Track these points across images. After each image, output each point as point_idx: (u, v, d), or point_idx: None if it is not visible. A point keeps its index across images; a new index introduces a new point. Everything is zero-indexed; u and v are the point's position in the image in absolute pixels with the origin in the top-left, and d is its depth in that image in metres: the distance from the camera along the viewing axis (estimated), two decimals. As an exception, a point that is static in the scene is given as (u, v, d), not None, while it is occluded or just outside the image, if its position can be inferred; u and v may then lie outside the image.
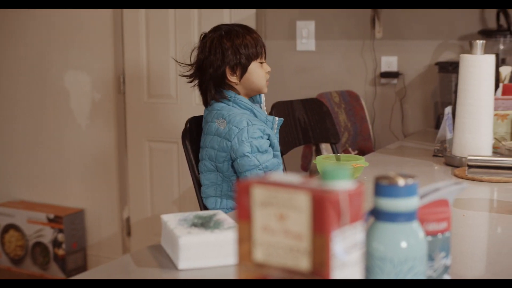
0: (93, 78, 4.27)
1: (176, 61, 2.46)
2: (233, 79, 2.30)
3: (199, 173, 2.35)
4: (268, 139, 2.25)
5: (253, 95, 2.38)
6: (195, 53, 2.36)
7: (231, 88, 2.32)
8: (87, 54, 4.27)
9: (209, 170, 2.30)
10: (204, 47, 2.30)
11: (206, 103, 2.35)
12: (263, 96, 2.43)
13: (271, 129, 2.33)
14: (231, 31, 2.30)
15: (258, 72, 2.32)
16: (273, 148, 2.28)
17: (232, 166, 2.26)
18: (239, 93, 2.33)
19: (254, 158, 2.18)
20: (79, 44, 4.28)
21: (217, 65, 2.27)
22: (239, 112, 2.26)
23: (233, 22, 3.82)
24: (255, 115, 2.30)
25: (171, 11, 4.03)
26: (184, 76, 2.36)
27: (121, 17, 4.17)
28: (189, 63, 2.36)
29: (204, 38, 2.33)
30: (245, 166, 2.20)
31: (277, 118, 2.36)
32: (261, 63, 2.33)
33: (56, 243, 4.24)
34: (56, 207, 4.39)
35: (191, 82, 2.35)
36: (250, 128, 2.20)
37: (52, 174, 4.48)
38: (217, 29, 2.33)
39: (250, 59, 2.29)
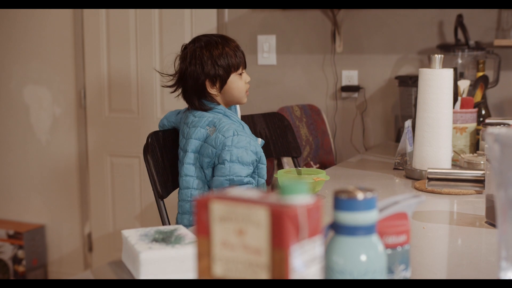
0: (54, 93, 4.24)
1: (158, 71, 2.46)
2: (213, 91, 2.32)
3: (178, 176, 2.34)
4: (255, 153, 2.26)
5: (232, 105, 2.42)
6: (177, 63, 2.38)
7: (214, 99, 2.34)
8: (47, 68, 4.23)
9: (190, 175, 2.29)
10: (185, 57, 2.33)
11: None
12: (238, 106, 2.45)
13: None
14: (210, 42, 2.32)
15: (237, 84, 2.35)
16: (259, 161, 2.28)
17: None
18: (219, 103, 2.35)
19: (228, 166, 2.19)
20: (39, 58, 4.25)
21: (196, 76, 2.30)
22: (229, 122, 2.27)
23: (194, 34, 3.82)
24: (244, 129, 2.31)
25: (132, 25, 4.02)
26: (167, 86, 2.38)
27: (81, 31, 4.14)
28: (171, 73, 2.38)
29: (185, 49, 2.35)
30: (218, 172, 2.21)
31: (259, 139, 2.37)
32: (241, 74, 2.36)
33: (16, 260, 4.19)
34: (16, 223, 4.34)
35: (174, 92, 2.37)
36: (235, 138, 2.21)
37: (12, 190, 4.42)
38: (196, 40, 2.36)
39: (229, 71, 2.32)
